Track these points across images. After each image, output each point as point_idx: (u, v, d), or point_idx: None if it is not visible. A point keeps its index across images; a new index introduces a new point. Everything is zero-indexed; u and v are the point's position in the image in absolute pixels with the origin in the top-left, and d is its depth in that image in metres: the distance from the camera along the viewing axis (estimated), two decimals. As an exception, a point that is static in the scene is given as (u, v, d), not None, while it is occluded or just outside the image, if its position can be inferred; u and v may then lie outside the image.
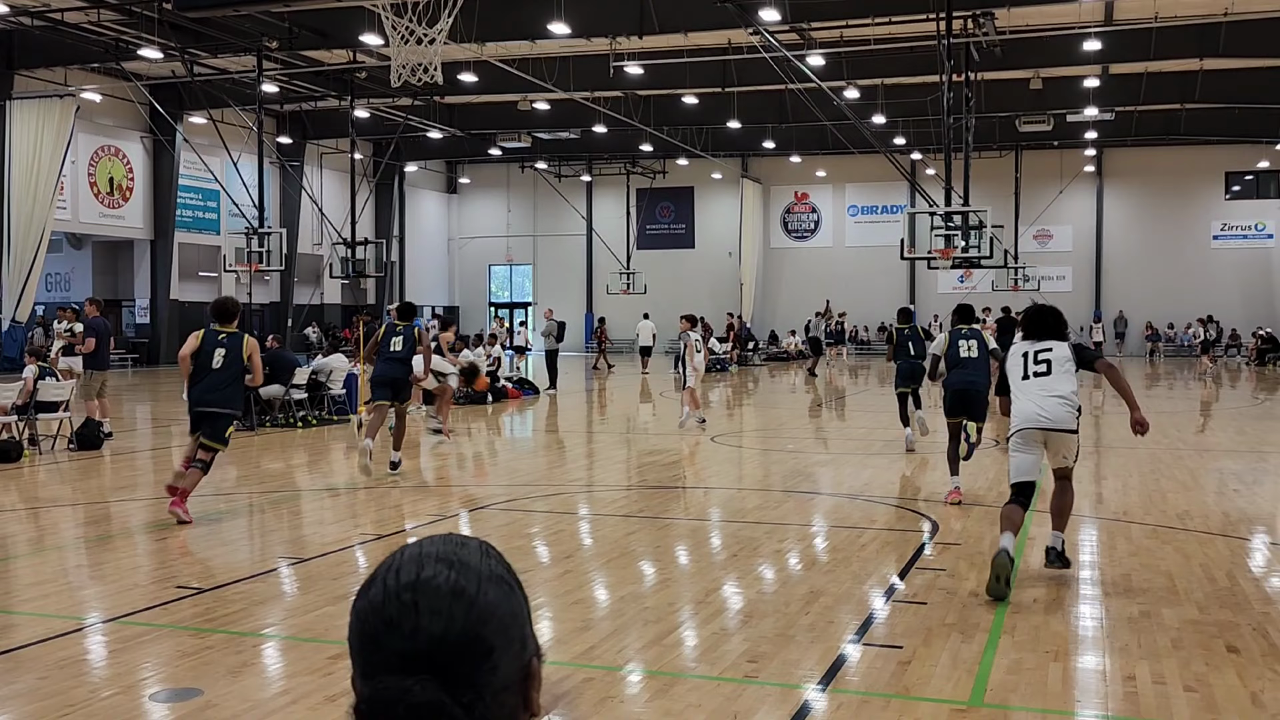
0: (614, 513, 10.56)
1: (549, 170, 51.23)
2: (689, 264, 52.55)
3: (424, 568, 1.18)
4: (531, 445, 17.27)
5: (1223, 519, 9.77)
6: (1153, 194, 47.43)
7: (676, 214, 53.32)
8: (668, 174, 51.51)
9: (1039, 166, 46.61)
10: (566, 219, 53.19)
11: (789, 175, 50.97)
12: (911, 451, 14.85)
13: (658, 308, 46.06)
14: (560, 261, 54.36)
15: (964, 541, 8.82)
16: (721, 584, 7.51)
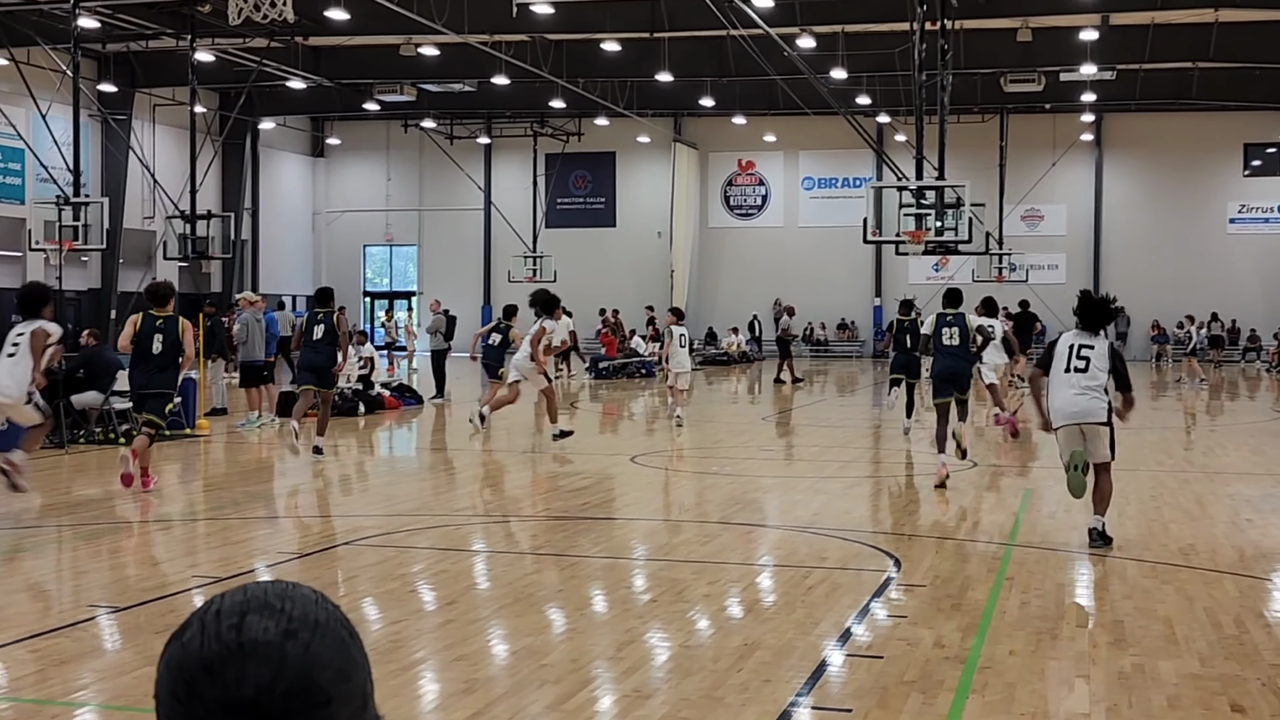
0: (510, 549, 10.57)
1: (438, 130, 51.02)
2: (609, 246, 52.64)
3: (250, 609, 1.21)
4: (412, 466, 17.20)
5: (1233, 555, 10.06)
6: (1160, 169, 48.56)
7: (594, 185, 53.41)
8: (584, 136, 51.57)
9: (1028, 134, 47.47)
10: (460, 190, 52.99)
11: (731, 140, 51.31)
12: (906, 433, 17.10)
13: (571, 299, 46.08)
14: (451, 242, 54.13)
15: (930, 583, 8.97)
16: (638, 635, 7.56)
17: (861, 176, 47.70)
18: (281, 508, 13.13)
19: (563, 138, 51.20)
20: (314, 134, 54.76)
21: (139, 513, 12.29)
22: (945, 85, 28.38)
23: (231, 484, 14.57)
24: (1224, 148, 47.93)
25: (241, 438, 19.20)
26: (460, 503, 13.14)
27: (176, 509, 12.79)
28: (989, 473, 15.66)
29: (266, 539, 10.93)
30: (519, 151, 52.19)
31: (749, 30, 29.35)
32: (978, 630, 7.60)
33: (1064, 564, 9.82)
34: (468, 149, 52.38)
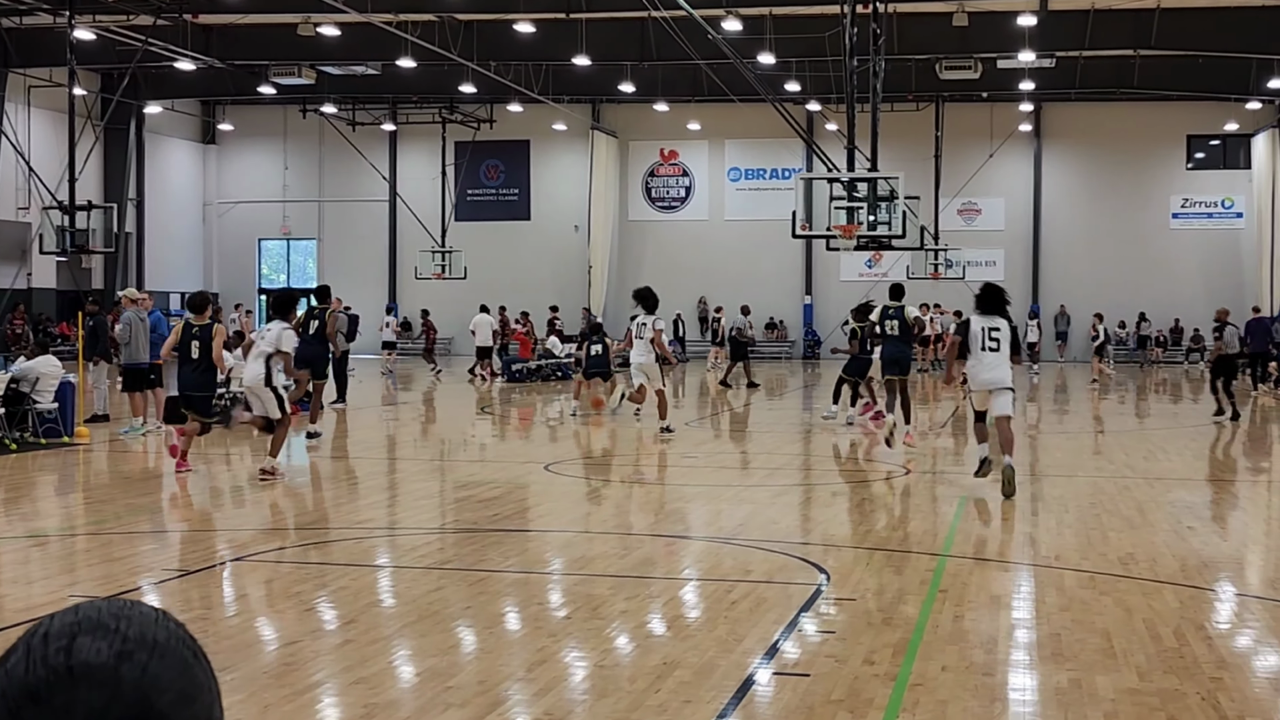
0: (415, 563, 10.52)
1: (339, 116, 50.64)
2: (523, 240, 52.55)
3: (81, 630, 1.19)
4: (311, 476, 17.05)
5: (1174, 564, 10.25)
6: (1101, 161, 49.36)
7: (508, 175, 53.30)
8: (496, 124, 51.42)
9: (964, 124, 48.07)
10: (363, 180, 52.64)
11: (653, 128, 51.42)
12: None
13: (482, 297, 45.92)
14: (354, 236, 53.76)
15: (861, 595, 9.06)
16: (551, 654, 7.56)
17: (790, 167, 48.10)
18: (168, 521, 12.98)
19: (473, 125, 51.03)
20: (204, 119, 54.10)
21: (7, 527, 12.08)
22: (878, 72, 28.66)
23: (114, 496, 14.37)
24: (1166, 139, 48.83)
25: (125, 446, 18.94)
26: (362, 514, 13.06)
27: (53, 523, 12.58)
28: (923, 480, 15.83)
29: (152, 555, 10.79)
30: (426, 139, 51.93)
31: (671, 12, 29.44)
32: (909, 646, 7.68)
33: (999, 575, 9.96)
34: (371, 136, 52.04)
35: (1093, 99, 47.59)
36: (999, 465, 13.81)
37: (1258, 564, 10.85)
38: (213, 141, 54.60)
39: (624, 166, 52.45)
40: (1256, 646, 7.87)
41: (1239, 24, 37.27)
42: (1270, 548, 11.61)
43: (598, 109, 51.16)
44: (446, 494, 14.96)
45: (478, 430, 23.93)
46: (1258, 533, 12.55)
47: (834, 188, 25.99)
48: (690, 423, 23.80)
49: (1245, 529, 12.65)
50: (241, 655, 7.44)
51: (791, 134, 33.25)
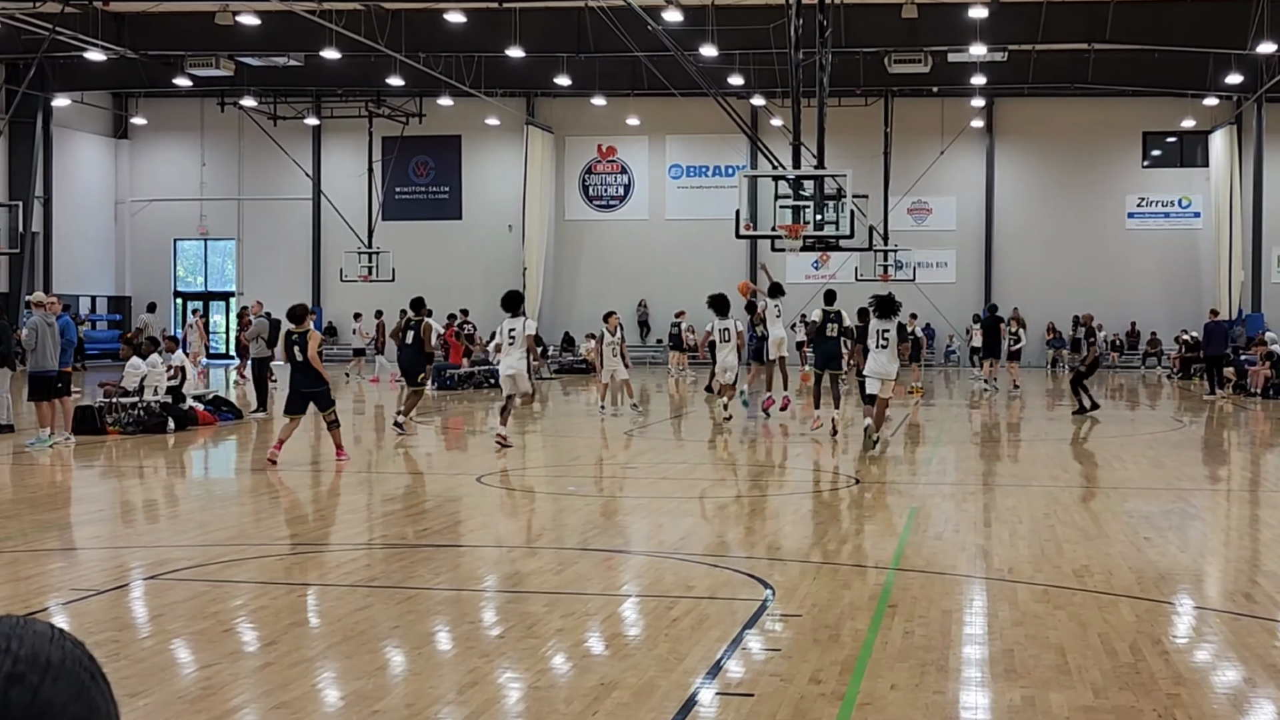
0: (340, 581, 10.45)
1: (260, 110, 50.30)
2: (454, 241, 52.42)
3: None
4: (230, 490, 16.93)
5: (1130, 577, 10.36)
6: (1055, 158, 49.90)
7: (438, 173, 53.15)
8: (426, 118, 51.27)
9: (915, 119, 48.43)
10: (285, 177, 52.32)
11: (590, 123, 51.44)
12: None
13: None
14: (275, 236, 53.43)
15: (807, 612, 9.09)
16: (484, 675, 7.53)
17: (734, 164, 48.25)
18: (79, 538, 12.82)
19: (401, 119, 50.84)
20: (116, 112, 53.59)
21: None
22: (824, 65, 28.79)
23: (19, 511, 14.18)
24: (1122, 136, 49.43)
25: (31, 458, 18.70)
26: (284, 530, 12.97)
27: (-47, 541, 12.40)
28: (872, 490, 15.93)
29: (60, 573, 10.66)
30: (352, 134, 51.68)
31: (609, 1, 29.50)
32: (857, 663, 7.72)
33: (951, 589, 10.02)
34: (294, 131, 51.72)
35: (1046, 94, 48.11)
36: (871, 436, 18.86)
37: (1216, 576, 10.99)
38: (125, 136, 54.07)
39: (560, 163, 52.43)
40: (1215, 661, 7.97)
41: (1195, 17, 37.79)
42: (1229, 559, 11.76)
43: (532, 103, 51.13)
44: (374, 508, 14.88)
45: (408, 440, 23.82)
46: (1216, 544, 12.72)
47: (779, 186, 26.08)
48: (630, 431, 23.81)
49: (1203, 540, 12.82)
50: (155, 679, 7.37)
51: (735, 130, 33.41)
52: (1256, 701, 7.14)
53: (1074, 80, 45.34)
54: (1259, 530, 13.57)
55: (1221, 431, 25.81)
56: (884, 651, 8.01)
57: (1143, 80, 44.96)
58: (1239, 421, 27.53)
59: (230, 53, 41.65)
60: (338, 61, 42.20)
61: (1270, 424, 26.28)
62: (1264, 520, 14.29)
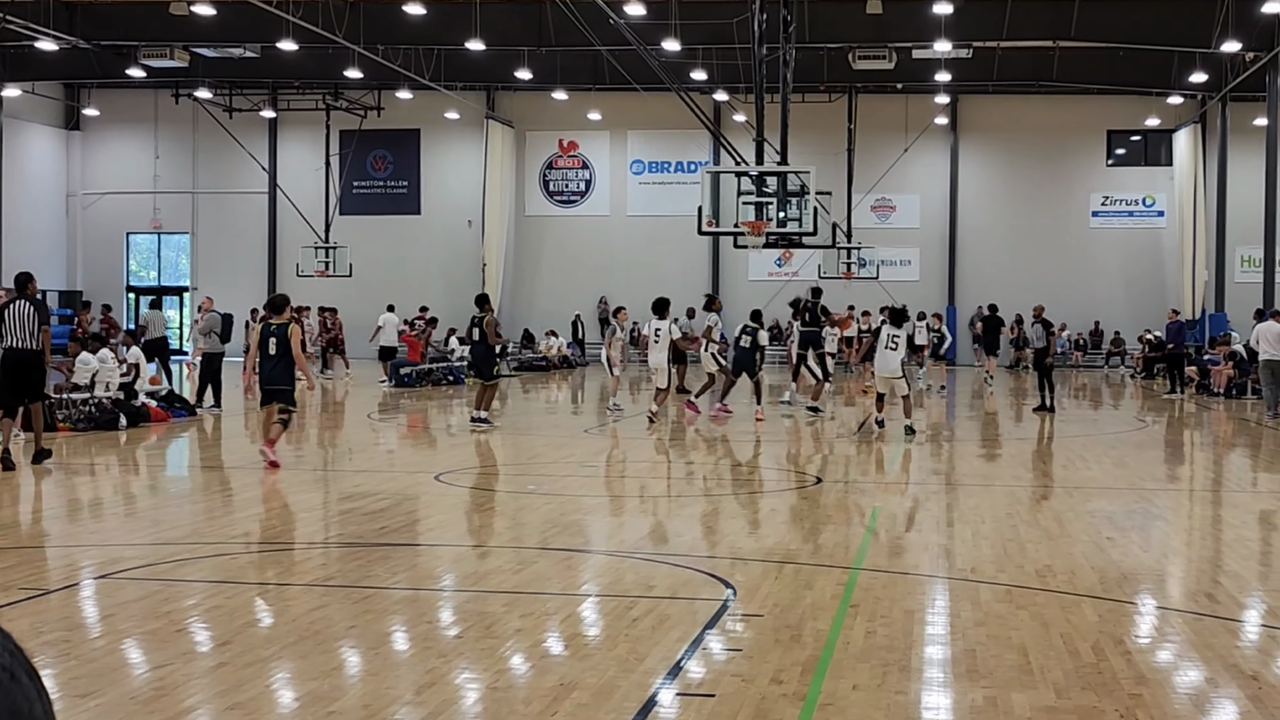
0: (295, 580, 10.42)
1: (215, 102, 50.02)
2: (413, 236, 52.32)
3: None
4: (183, 487, 16.84)
5: (1092, 577, 10.44)
6: (1019, 156, 50.17)
7: (396, 167, 53.01)
8: (384, 111, 51.10)
9: (879, 116, 48.57)
10: (240, 171, 52.07)
11: (552, 117, 51.41)
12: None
13: (370, 296, 45.66)
14: (230, 230, 53.18)
15: (768, 611, 9.12)
16: (441, 676, 7.52)
17: (696, 160, 48.29)
18: (28, 536, 12.73)
19: (360, 113, 50.65)
20: (68, 103, 53.18)
21: None
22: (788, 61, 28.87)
23: None
24: (1086, 135, 49.74)
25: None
26: (239, 527, 12.91)
27: (-101, 539, 12.29)
28: (835, 490, 15.98)
29: (8, 572, 10.57)
30: (309, 128, 51.45)
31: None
32: (819, 663, 7.75)
33: (914, 589, 10.07)
34: (250, 124, 51.45)
35: (1011, 92, 48.39)
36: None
37: (1179, 576, 11.08)
38: (77, 128, 53.67)
39: (520, 158, 52.37)
40: (1177, 661, 8.04)
41: (1160, 16, 38.07)
42: (1191, 559, 11.86)
43: (493, 97, 51.05)
44: (330, 506, 14.83)
45: (366, 438, 23.77)
46: (1178, 543, 12.82)
47: (742, 182, 26.11)
48: (590, 430, 23.82)
49: (1166, 540, 12.92)
50: (107, 680, 7.33)
51: (697, 125, 33.43)
52: (1218, 702, 7.20)
53: (1039, 78, 45.60)
54: (1221, 530, 13.69)
55: (1184, 432, 26.02)
56: (846, 652, 8.04)
57: (1107, 78, 45.28)
58: (1201, 422, 27.76)
59: (185, 43, 41.42)
60: (295, 53, 42.01)
61: (1233, 424, 26.50)
62: (1226, 520, 14.43)
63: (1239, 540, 12.76)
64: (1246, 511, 15.10)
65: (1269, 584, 10.49)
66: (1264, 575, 10.92)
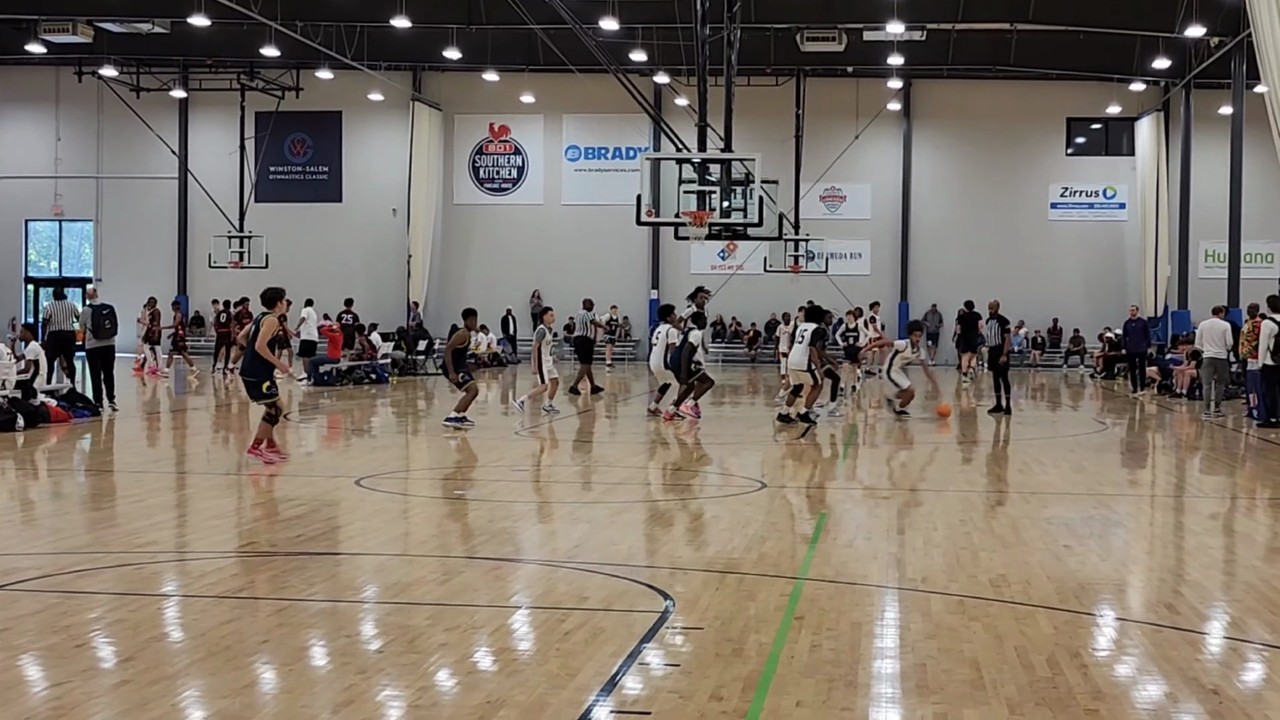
0: (205, 591, 10.33)
1: (121, 80, 49.57)
2: (334, 225, 52.08)
3: None
4: (85, 493, 16.66)
5: (1048, 586, 10.53)
6: (975, 145, 50.55)
7: (317, 152, 52.74)
8: (304, 92, 50.86)
9: (828, 101, 48.80)
10: (149, 154, 51.64)
11: (482, 100, 51.31)
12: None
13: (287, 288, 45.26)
14: (138, 218, 52.74)
15: (709, 624, 9.13)
16: (361, 693, 7.49)
17: (636, 146, 48.40)
18: (-85, 545, 12.56)
19: (277, 93, 50.34)
20: (-38, 81, 52.59)
21: None
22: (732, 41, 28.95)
23: None
24: (1045, 122, 50.19)
25: None
26: (144, 536, 12.79)
27: None
28: (780, 496, 16.03)
29: (-106, 585, 10.44)
30: (222, 109, 51.11)
31: (503, -30, 29.42)
32: (761, 679, 7.77)
33: (861, 599, 10.12)
34: (158, 104, 51.04)
35: (966, 76, 48.73)
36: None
37: (1138, 585, 11.19)
38: (-29, 107, 53.07)
39: (449, 143, 52.24)
40: (1135, 675, 8.11)
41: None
42: (1152, 568, 11.98)
43: (419, 78, 50.87)
44: (243, 513, 14.72)
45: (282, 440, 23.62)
46: (1138, 552, 12.95)
47: (683, 170, 26.17)
48: (520, 432, 23.79)
49: (1125, 548, 13.05)
50: (0, 699, 7.25)
51: (637, 109, 33.42)
52: (1177, 717, 7.28)
53: (995, 62, 45.94)
54: (1183, 538, 13.85)
55: (1145, 434, 26.29)
56: (790, 666, 8.07)
57: (1067, 64, 45.67)
58: (1163, 424, 28.06)
59: (89, 17, 41.00)
60: (207, 29, 41.70)
61: (1195, 426, 26.80)
62: (1188, 527, 14.59)
63: (1201, 548, 12.90)
64: (1208, 518, 15.27)
65: (1231, 594, 10.62)
66: (1226, 585, 11.05)
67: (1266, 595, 10.38)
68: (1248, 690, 7.79)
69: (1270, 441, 23.12)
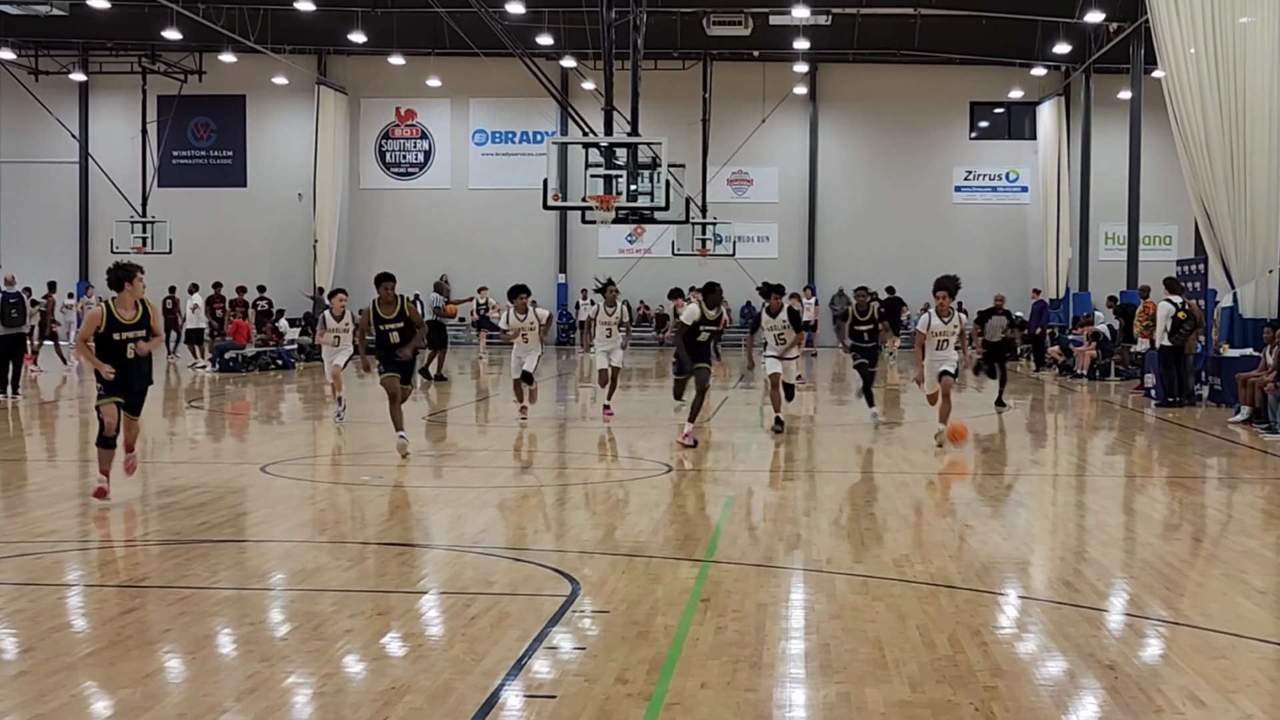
0: (106, 580, 10.23)
1: (19, 64, 48.74)
2: (238, 210, 51.60)
3: None
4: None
5: (950, 566, 10.66)
6: (880, 128, 50.90)
7: (220, 136, 52.22)
8: (207, 76, 50.30)
9: (735, 85, 48.96)
10: (47, 138, 50.85)
11: (388, 84, 51.01)
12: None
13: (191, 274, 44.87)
14: (37, 203, 51.94)
15: (615, 607, 9.16)
16: (265, 681, 7.45)
17: (542, 130, 48.34)
18: None
19: (179, 77, 49.76)
20: None
21: None
22: (639, 25, 28.97)
23: None
24: (949, 106, 50.65)
25: None
26: (43, 525, 12.63)
27: None
28: (687, 479, 16.09)
29: None
30: (124, 92, 50.45)
31: (407, -48, 29.25)
32: (666, 661, 7.81)
33: (767, 581, 10.19)
34: (58, 87, 50.26)
35: (871, 61, 49.06)
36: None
37: (1040, 564, 11.35)
38: None
39: (354, 127, 51.91)
40: (1036, 652, 8.23)
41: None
42: (1053, 546, 12.16)
43: (324, 61, 50.47)
44: (147, 500, 14.56)
45: (186, 427, 23.40)
46: (1039, 531, 13.13)
47: (590, 154, 26.17)
48: (428, 417, 23.71)
49: (1027, 527, 13.22)
50: (-106, 693, 7.14)
51: (543, 93, 33.32)
52: (1075, 693, 7.40)
53: (900, 47, 46.30)
54: (1084, 516, 14.06)
55: (1046, 415, 26.64)
56: (695, 648, 8.11)
57: (970, 48, 46.12)
58: (1065, 404, 28.44)
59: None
60: (107, 11, 41.11)
61: (1096, 406, 27.19)
62: (1088, 506, 14.82)
63: (1100, 526, 13.12)
64: (1108, 496, 15.52)
65: (1130, 571, 10.79)
66: (1125, 563, 11.23)
67: (1163, 572, 10.57)
68: (1144, 666, 7.93)
69: (1168, 421, 23.51)
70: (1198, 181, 26.79)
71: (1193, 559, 11.48)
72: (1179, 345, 25.56)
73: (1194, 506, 14.73)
